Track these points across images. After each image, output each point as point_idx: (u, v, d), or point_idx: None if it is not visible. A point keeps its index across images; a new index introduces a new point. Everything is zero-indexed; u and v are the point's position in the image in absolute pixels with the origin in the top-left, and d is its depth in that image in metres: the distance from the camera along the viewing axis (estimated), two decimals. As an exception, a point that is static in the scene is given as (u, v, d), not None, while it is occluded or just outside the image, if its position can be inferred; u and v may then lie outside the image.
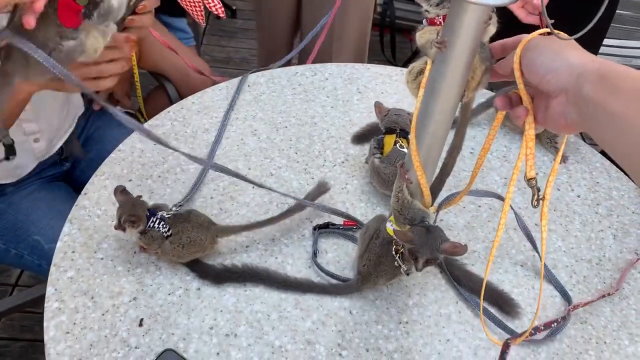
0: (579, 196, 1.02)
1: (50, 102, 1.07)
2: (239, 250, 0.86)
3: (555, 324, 0.80)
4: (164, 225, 0.79)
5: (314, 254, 0.86)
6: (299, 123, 1.10)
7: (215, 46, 2.92)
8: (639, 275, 0.90)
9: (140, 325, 0.76)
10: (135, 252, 0.84)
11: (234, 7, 3.13)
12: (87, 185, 0.93)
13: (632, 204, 1.03)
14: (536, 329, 0.78)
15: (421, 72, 0.68)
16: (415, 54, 2.66)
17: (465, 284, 0.85)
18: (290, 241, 0.89)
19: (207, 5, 0.79)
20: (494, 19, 0.62)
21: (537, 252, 0.90)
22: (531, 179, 0.61)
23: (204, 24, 0.84)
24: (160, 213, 0.80)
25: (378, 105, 0.96)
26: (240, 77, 1.18)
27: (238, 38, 3.01)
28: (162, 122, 1.07)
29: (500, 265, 0.89)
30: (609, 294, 0.85)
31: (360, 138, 1.06)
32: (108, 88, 0.85)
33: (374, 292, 0.83)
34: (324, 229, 0.90)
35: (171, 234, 0.79)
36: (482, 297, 0.72)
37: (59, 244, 0.84)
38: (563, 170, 1.07)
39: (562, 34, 0.54)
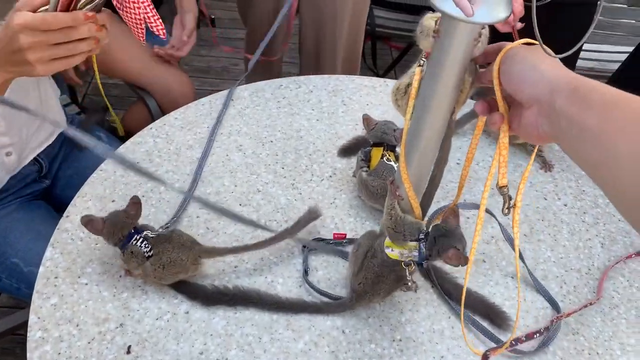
0: (565, 205, 1.03)
1: (23, 115, 1.04)
2: (227, 270, 0.85)
3: (538, 334, 0.80)
4: (147, 245, 0.77)
5: (305, 272, 0.85)
6: (284, 137, 1.09)
7: (195, 55, 2.89)
8: (628, 284, 0.91)
9: (128, 352, 0.74)
10: (120, 276, 0.82)
11: (213, 16, 3.10)
12: (69, 208, 0.90)
13: (617, 211, 1.03)
14: (517, 340, 0.78)
15: (409, 85, 0.68)
16: (395, 62, 2.66)
17: (457, 297, 0.85)
18: (279, 259, 0.87)
19: (149, 25, 0.78)
20: (485, 35, 0.61)
21: (524, 262, 0.90)
22: (502, 186, 0.61)
23: (144, 43, 0.84)
24: (145, 232, 0.79)
25: (366, 118, 0.95)
26: (227, 90, 1.16)
27: (218, 47, 2.98)
28: (144, 139, 1.05)
29: (491, 277, 0.89)
30: (590, 304, 0.85)
31: (346, 151, 1.05)
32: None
33: (367, 309, 0.82)
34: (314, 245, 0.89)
35: (152, 255, 0.77)
36: (462, 305, 0.70)
37: (41, 269, 0.82)
38: (549, 179, 1.08)
39: (548, 49, 0.54)
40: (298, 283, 0.84)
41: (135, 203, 0.78)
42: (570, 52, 0.54)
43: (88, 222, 0.77)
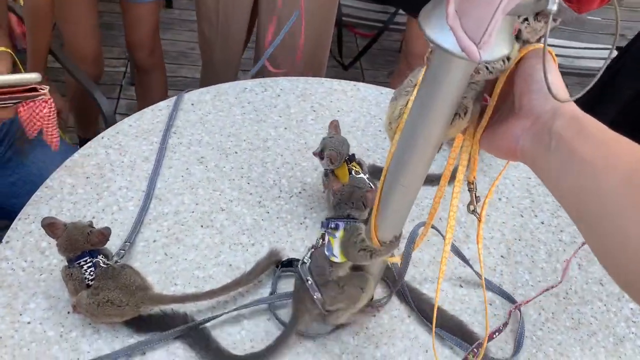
0: (542, 223, 0.99)
1: None
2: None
3: (498, 332, 0.79)
4: (91, 272, 0.69)
5: (271, 294, 0.79)
6: (250, 148, 1.01)
7: (151, 39, 2.74)
8: (605, 309, 0.88)
9: (78, 404, 0.66)
10: (68, 312, 0.74)
11: (170, -3, 2.96)
12: (9, 232, 0.81)
13: (584, 238, 1.01)
14: (479, 345, 0.74)
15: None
16: (361, 54, 2.59)
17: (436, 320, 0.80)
18: (245, 289, 0.81)
19: (45, 132, 0.80)
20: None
21: (477, 273, 0.87)
22: (470, 182, 0.60)
23: (56, 149, 0.81)
24: (99, 258, 0.71)
25: (335, 125, 0.89)
26: (176, 97, 1.07)
27: (175, 30, 2.85)
28: (95, 151, 0.95)
29: (468, 305, 0.85)
30: (552, 287, 0.86)
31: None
32: None
33: (340, 345, 0.77)
34: (287, 267, 0.83)
35: (91, 285, 0.69)
36: (434, 323, 0.67)
37: (-25, 306, 0.73)
38: (525, 194, 1.04)
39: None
40: (266, 316, 0.78)
41: (103, 234, 0.70)
42: (580, 95, 0.49)
43: (49, 224, 0.70)
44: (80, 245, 0.70)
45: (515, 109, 0.49)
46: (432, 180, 0.90)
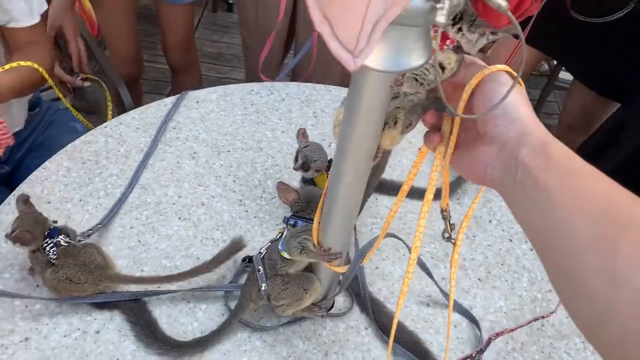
0: (531, 249, 0.95)
1: None
2: (150, 287, 0.80)
3: (470, 359, 0.76)
4: (54, 252, 0.73)
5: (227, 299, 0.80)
6: (243, 147, 1.04)
7: (206, 40, 2.86)
8: (582, 346, 0.83)
9: (26, 370, 0.71)
10: (37, 286, 0.79)
11: (230, 1, 3.06)
12: (1, 206, 0.87)
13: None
14: None
15: None
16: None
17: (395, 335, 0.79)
18: (206, 283, 0.83)
19: None
20: (454, 61, 0.52)
21: (444, 291, 0.84)
22: (443, 210, 0.58)
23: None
24: (59, 237, 0.75)
25: (302, 132, 0.88)
26: (179, 95, 1.11)
27: (231, 33, 2.94)
28: (95, 138, 1.01)
29: (432, 324, 0.83)
30: (543, 317, 0.82)
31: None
32: None
33: (289, 348, 0.77)
34: (251, 262, 0.84)
35: (55, 264, 0.73)
36: (391, 338, 0.66)
37: (-43, 269, 0.79)
38: (519, 219, 1.00)
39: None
40: (221, 312, 0.80)
41: (25, 200, 0.77)
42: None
43: (16, 238, 0.73)
44: (43, 223, 0.74)
45: (481, 134, 0.48)
46: (417, 193, 0.89)
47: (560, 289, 0.40)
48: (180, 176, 0.97)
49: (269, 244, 0.76)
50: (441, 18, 0.39)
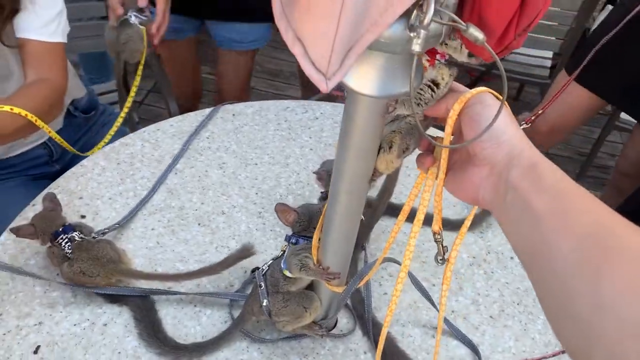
0: (551, 292, 0.91)
1: None
2: (159, 286, 0.83)
3: None
4: (69, 247, 0.78)
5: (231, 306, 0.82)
6: (270, 162, 1.06)
7: (267, 57, 2.93)
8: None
9: (35, 352, 0.75)
10: (57, 274, 0.83)
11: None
12: (37, 198, 0.93)
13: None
14: None
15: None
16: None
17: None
18: (216, 288, 0.85)
19: None
20: (444, 84, 0.52)
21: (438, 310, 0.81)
22: (435, 233, 0.56)
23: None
24: (73, 234, 0.79)
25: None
26: (215, 107, 1.16)
27: (289, 51, 3.00)
28: (133, 141, 1.06)
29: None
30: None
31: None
32: None
33: (284, 362, 0.78)
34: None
35: (70, 258, 0.77)
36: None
37: (-10, 251, 0.85)
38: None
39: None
40: (224, 319, 0.81)
41: (52, 198, 0.81)
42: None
43: (17, 231, 0.79)
44: (54, 220, 0.79)
45: (471, 155, 0.48)
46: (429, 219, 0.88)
47: (547, 310, 0.40)
48: (206, 184, 1.00)
49: (271, 261, 0.77)
50: (416, 47, 0.40)
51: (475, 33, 0.39)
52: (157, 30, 1.22)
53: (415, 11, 0.38)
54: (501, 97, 0.45)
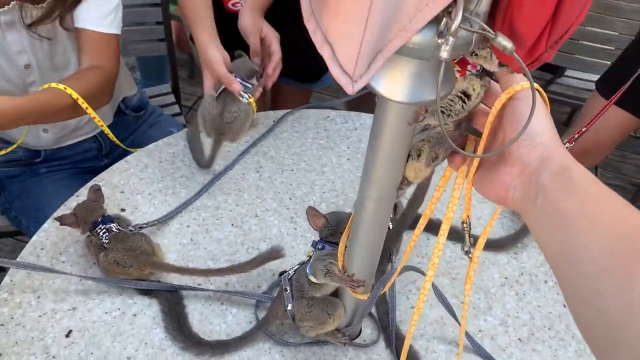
0: (586, 319, 0.88)
1: None
2: (189, 282, 0.85)
3: None
4: (107, 237, 0.81)
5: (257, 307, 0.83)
6: (307, 169, 1.07)
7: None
8: None
9: (67, 336, 0.78)
10: (94, 263, 0.87)
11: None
12: (82, 189, 0.98)
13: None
14: None
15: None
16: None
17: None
18: (245, 288, 0.86)
19: None
20: (479, 89, 0.52)
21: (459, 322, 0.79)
22: (463, 221, 0.56)
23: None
24: (111, 224, 0.82)
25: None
26: (284, 111, 1.18)
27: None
28: (176, 142, 1.10)
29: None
30: None
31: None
32: None
33: (304, 366, 0.78)
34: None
35: (107, 248, 0.80)
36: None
37: (34, 237, 0.89)
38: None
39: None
40: (249, 319, 0.82)
41: (96, 190, 0.85)
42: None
43: (60, 219, 0.83)
44: (91, 212, 0.83)
45: (505, 154, 0.48)
46: (456, 232, 0.87)
47: (575, 312, 0.40)
48: (242, 186, 1.02)
49: (298, 265, 0.78)
50: (444, 54, 0.40)
51: (504, 42, 0.39)
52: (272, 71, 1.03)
53: (444, 18, 0.39)
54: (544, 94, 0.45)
